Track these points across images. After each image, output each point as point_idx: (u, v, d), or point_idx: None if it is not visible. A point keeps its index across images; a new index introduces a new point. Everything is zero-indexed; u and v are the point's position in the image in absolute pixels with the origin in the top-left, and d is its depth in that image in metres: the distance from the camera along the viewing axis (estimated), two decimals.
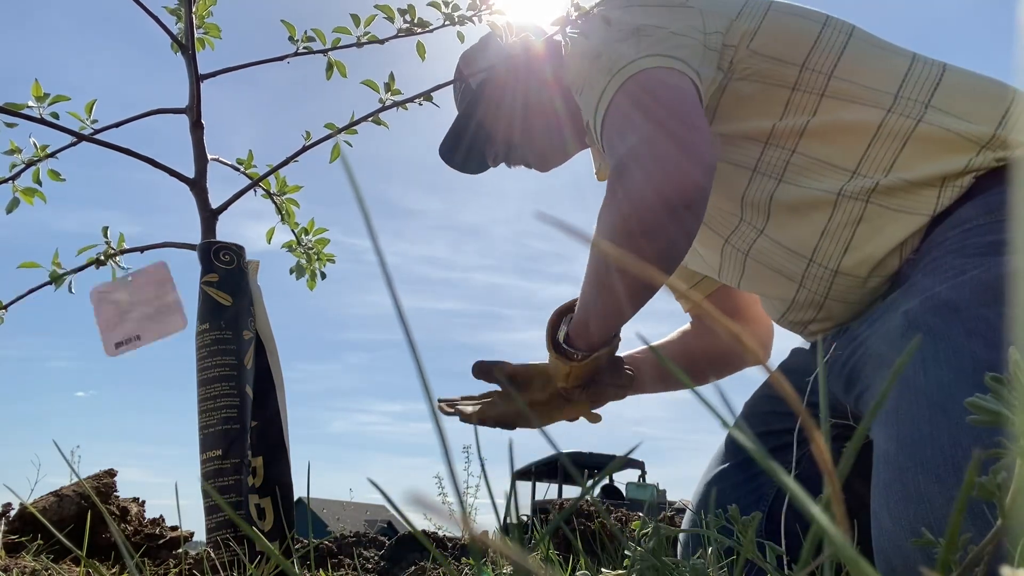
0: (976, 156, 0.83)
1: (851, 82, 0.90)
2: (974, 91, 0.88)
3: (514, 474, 0.30)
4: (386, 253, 0.22)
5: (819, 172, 0.89)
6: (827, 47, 0.92)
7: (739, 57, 0.92)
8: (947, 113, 0.86)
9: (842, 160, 0.88)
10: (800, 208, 0.89)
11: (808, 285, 0.91)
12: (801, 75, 0.91)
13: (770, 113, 0.92)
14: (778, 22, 0.94)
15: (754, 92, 0.92)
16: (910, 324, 0.73)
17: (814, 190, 0.88)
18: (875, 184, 0.85)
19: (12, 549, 0.97)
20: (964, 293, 0.71)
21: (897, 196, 0.85)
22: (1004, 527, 0.27)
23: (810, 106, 0.90)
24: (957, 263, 0.75)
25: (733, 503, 1.03)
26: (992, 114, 0.85)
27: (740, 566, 0.36)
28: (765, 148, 0.91)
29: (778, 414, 1.10)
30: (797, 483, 0.18)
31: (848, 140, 0.88)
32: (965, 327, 0.68)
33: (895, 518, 0.67)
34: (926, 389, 0.67)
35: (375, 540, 1.51)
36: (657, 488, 8.67)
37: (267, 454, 0.91)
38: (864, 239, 0.86)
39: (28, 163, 1.02)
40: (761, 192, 0.92)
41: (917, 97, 0.88)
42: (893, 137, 0.86)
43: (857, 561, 0.16)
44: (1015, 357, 0.26)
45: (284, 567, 0.24)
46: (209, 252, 0.92)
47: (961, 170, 0.83)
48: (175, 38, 1.02)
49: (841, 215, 0.87)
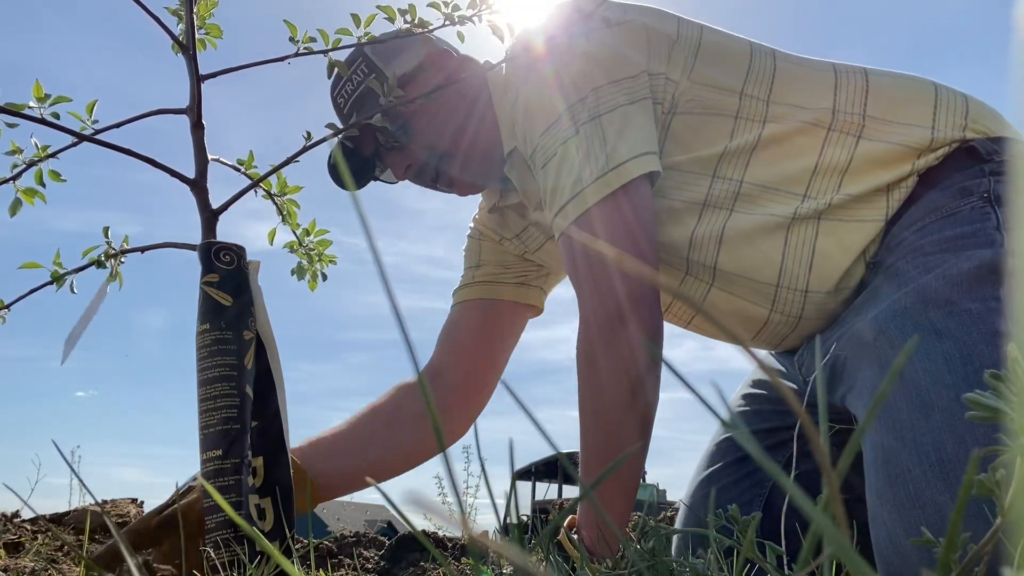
0: (918, 160, 0.86)
1: (788, 104, 0.92)
2: (902, 93, 0.91)
3: (514, 474, 0.30)
4: (386, 253, 0.22)
5: (769, 199, 0.90)
6: (759, 71, 0.94)
7: (680, 90, 0.93)
8: (884, 121, 0.89)
9: (791, 185, 0.90)
10: (753, 236, 0.91)
11: (780, 308, 0.92)
12: (741, 103, 0.93)
13: (716, 143, 0.93)
14: (713, 48, 0.95)
15: (699, 122, 0.94)
16: (883, 324, 0.76)
17: (767, 216, 0.90)
18: (827, 203, 0.87)
19: (12, 549, 0.97)
20: (932, 290, 0.73)
21: (849, 209, 0.88)
22: (1003, 526, 0.27)
23: (753, 132, 0.92)
24: (922, 260, 0.78)
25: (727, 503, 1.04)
26: (924, 114, 0.89)
27: (740, 565, 0.36)
28: (713, 180, 0.93)
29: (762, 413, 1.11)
30: (796, 483, 0.18)
31: (794, 164, 0.90)
32: (936, 324, 0.71)
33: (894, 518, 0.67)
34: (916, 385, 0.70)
35: (375, 540, 1.51)
36: (657, 488, 8.67)
37: (267, 454, 0.91)
38: (826, 254, 0.88)
39: (29, 163, 1.02)
40: (713, 225, 0.92)
41: (852, 109, 0.90)
42: (838, 154, 0.89)
43: (857, 561, 0.16)
44: (1014, 354, 0.26)
45: (284, 567, 0.24)
46: (209, 252, 0.92)
47: (906, 175, 0.86)
48: (176, 39, 1.02)
49: (796, 237, 0.89)
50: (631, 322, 0.86)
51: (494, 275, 1.24)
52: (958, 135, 0.87)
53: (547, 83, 0.93)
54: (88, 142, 0.98)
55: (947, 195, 0.82)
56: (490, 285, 1.24)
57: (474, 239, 1.29)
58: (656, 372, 0.88)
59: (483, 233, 1.27)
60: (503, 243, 1.25)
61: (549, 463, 10.18)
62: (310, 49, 1.06)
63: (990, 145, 0.85)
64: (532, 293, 1.25)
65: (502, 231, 1.24)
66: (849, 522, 0.69)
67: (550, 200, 0.93)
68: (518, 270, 1.25)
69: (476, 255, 1.28)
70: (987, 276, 0.72)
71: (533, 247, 1.21)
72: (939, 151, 0.86)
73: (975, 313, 0.70)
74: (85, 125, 1.00)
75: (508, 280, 1.24)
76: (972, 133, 0.87)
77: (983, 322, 0.69)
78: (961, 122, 0.87)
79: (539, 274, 1.27)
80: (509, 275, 1.24)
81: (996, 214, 0.78)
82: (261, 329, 0.94)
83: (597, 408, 0.88)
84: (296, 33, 1.05)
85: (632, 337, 0.86)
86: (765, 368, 0.18)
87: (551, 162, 0.92)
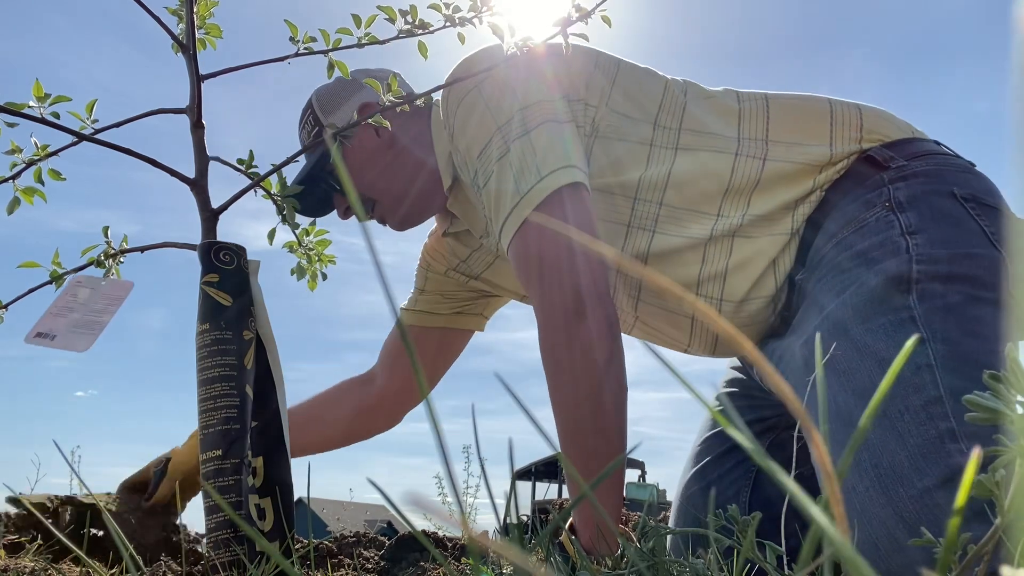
0: (819, 175, 0.94)
1: (698, 132, 0.99)
2: (799, 114, 0.99)
3: (514, 474, 0.30)
4: (385, 253, 0.22)
5: (687, 220, 0.98)
6: (671, 102, 1.02)
7: (600, 115, 1.00)
8: (785, 143, 0.96)
9: (705, 207, 0.97)
10: (674, 254, 0.98)
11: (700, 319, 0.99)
12: (655, 132, 1.00)
13: (634, 168, 0.99)
14: (628, 80, 1.03)
15: (618, 149, 1.00)
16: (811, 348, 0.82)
17: (685, 237, 0.97)
18: (739, 222, 0.95)
19: (12, 549, 0.97)
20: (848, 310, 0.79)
21: (758, 226, 0.95)
22: (1003, 526, 0.27)
23: (668, 159, 0.99)
24: (837, 282, 0.84)
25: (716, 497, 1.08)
26: (822, 132, 0.96)
27: (740, 565, 0.36)
28: (635, 203, 0.99)
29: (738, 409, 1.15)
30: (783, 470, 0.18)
31: (706, 188, 0.97)
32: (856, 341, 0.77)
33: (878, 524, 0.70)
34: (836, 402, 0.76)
35: (375, 540, 1.51)
36: (657, 488, 8.68)
37: (267, 454, 0.91)
38: (738, 267, 0.95)
39: (29, 162, 1.02)
40: (638, 246, 1.00)
41: (756, 135, 0.98)
42: (746, 178, 0.96)
43: (857, 561, 0.16)
44: (1012, 355, 0.27)
45: (284, 567, 0.24)
46: (209, 252, 0.92)
47: (808, 191, 0.94)
48: (176, 38, 1.02)
49: (714, 253, 0.96)
50: (587, 316, 0.89)
51: (431, 306, 1.37)
52: (854, 148, 0.93)
53: (478, 110, 1.00)
54: (88, 141, 0.98)
55: (854, 208, 0.88)
56: (424, 315, 1.37)
57: (421, 269, 1.40)
58: (619, 360, 0.92)
59: (430, 264, 1.37)
60: (447, 274, 1.34)
61: (549, 463, 10.19)
62: (310, 49, 1.06)
63: (886, 152, 0.92)
64: (469, 320, 1.38)
65: (449, 257, 1.33)
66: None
67: (494, 215, 0.98)
68: (456, 301, 1.36)
69: (422, 282, 1.39)
70: (895, 287, 0.77)
71: (479, 270, 1.30)
72: (838, 164, 0.93)
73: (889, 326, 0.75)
74: (85, 124, 1.00)
75: (444, 311, 1.36)
76: (868, 143, 0.94)
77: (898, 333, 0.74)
78: (856, 135, 0.94)
79: (477, 301, 1.37)
80: (445, 306, 1.36)
81: (899, 220, 0.83)
82: (261, 329, 0.94)
83: (567, 405, 0.92)
84: (296, 33, 1.05)
85: (591, 331, 0.89)
86: (763, 366, 0.18)
87: (491, 180, 0.97)
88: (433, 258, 1.36)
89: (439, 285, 1.36)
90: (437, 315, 1.36)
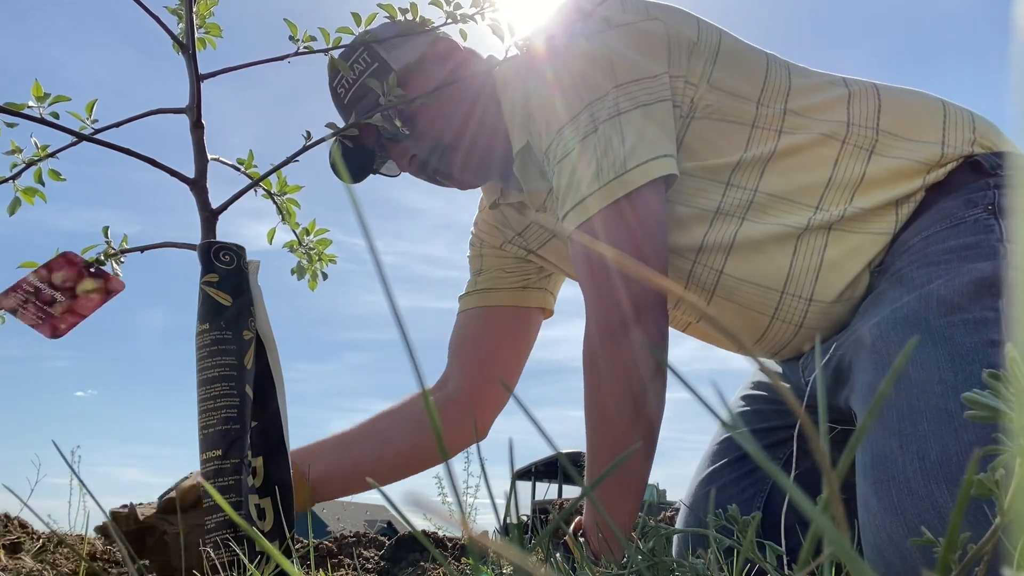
0: (928, 175, 0.88)
1: (804, 116, 0.93)
2: (913, 110, 0.93)
3: (514, 474, 0.30)
4: (386, 253, 0.22)
5: (782, 209, 0.91)
6: (776, 82, 0.95)
7: (699, 94, 0.93)
8: (896, 136, 0.90)
9: (804, 197, 0.90)
10: (764, 244, 0.91)
11: (783, 316, 0.93)
12: (758, 111, 0.93)
13: (732, 151, 0.93)
14: (731, 54, 0.95)
15: (715, 130, 0.94)
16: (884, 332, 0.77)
17: (779, 226, 0.90)
18: (840, 215, 0.88)
19: (12, 550, 0.97)
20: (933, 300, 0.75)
21: (859, 221, 0.89)
22: (1003, 526, 0.27)
23: (769, 142, 0.92)
24: (923, 274, 0.79)
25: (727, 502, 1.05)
26: (934, 131, 0.90)
27: (740, 565, 0.36)
28: (727, 188, 0.93)
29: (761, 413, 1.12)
30: (795, 482, 0.18)
31: (808, 176, 0.91)
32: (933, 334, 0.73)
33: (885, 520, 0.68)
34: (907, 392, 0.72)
35: (375, 540, 1.51)
36: (657, 488, 8.67)
37: (267, 454, 0.91)
38: (833, 265, 0.89)
39: (29, 163, 1.02)
40: (724, 234, 0.92)
41: (866, 123, 0.91)
42: (851, 168, 0.90)
43: (856, 561, 0.16)
44: (1012, 354, 0.26)
45: (284, 567, 0.24)
46: (209, 252, 0.92)
47: (916, 190, 0.88)
48: (175, 38, 1.02)
49: (806, 246, 0.89)
50: (634, 330, 0.85)
51: (492, 281, 1.23)
52: (966, 150, 0.88)
53: (567, 80, 0.92)
54: (88, 141, 0.97)
55: (953, 206, 0.84)
56: (487, 293, 1.23)
57: (475, 247, 1.29)
58: (661, 380, 0.88)
59: (483, 241, 1.27)
60: (503, 247, 1.24)
61: (549, 463, 10.18)
62: (310, 48, 1.06)
63: (994, 159, 0.87)
64: (534, 295, 1.24)
65: (503, 229, 1.23)
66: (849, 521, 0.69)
67: (563, 198, 0.92)
68: (518, 274, 1.24)
69: (478, 262, 1.27)
70: (987, 288, 0.74)
71: (535, 245, 1.20)
72: (947, 166, 0.88)
73: (973, 323, 0.72)
74: (84, 124, 0.99)
75: (506, 286, 1.23)
76: (979, 148, 0.89)
77: (980, 332, 0.71)
78: (970, 137, 0.89)
79: (540, 276, 1.25)
80: (508, 280, 1.23)
81: (999, 226, 0.80)
82: (261, 329, 0.94)
83: (601, 414, 0.88)
84: (296, 32, 1.05)
85: (634, 345, 0.85)
86: (765, 369, 0.18)
87: (568, 158, 0.90)
88: (486, 232, 1.26)
89: (497, 261, 1.24)
90: (501, 291, 1.22)
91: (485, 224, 1.27)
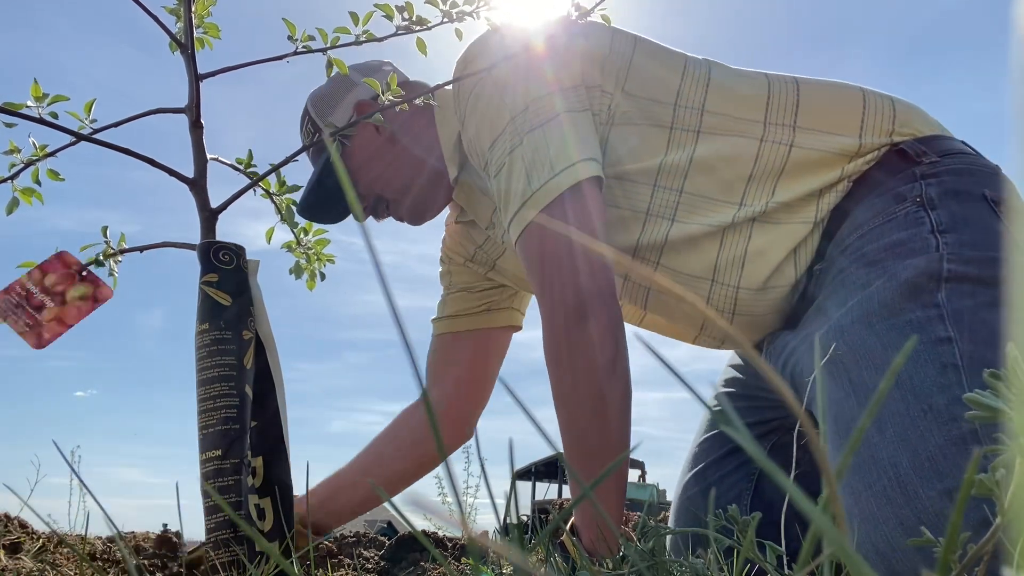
0: (848, 165, 0.90)
1: (722, 115, 0.95)
2: (831, 102, 0.95)
3: (514, 474, 0.30)
4: (384, 253, 0.22)
5: (708, 208, 0.94)
6: (693, 82, 0.97)
7: (616, 102, 0.97)
8: (813, 131, 0.93)
9: (727, 195, 0.94)
10: (693, 241, 0.95)
11: (715, 304, 0.96)
12: (676, 113, 0.96)
13: (653, 154, 0.96)
14: (646, 60, 0.99)
15: (636, 134, 0.97)
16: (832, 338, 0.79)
17: (706, 225, 0.94)
18: (762, 209, 0.92)
19: (12, 550, 0.97)
20: (875, 304, 0.77)
21: (781, 213, 0.92)
22: (1003, 526, 0.27)
23: (689, 143, 0.95)
24: (862, 275, 0.81)
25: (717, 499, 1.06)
26: (852, 123, 0.92)
27: (740, 566, 0.36)
28: (654, 191, 0.96)
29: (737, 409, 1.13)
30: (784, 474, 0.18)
31: (730, 174, 0.94)
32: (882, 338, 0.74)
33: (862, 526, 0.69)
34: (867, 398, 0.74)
35: (375, 540, 1.51)
36: (657, 488, 8.68)
37: (267, 454, 0.91)
38: (756, 254, 0.92)
39: (27, 163, 1.02)
40: (656, 234, 0.97)
41: (783, 121, 0.94)
42: (771, 165, 0.93)
43: (857, 561, 0.16)
44: (1013, 354, 0.26)
45: (284, 567, 0.24)
46: (208, 252, 0.92)
47: (836, 180, 0.90)
48: (174, 37, 1.02)
49: (732, 239, 0.93)
50: (590, 318, 0.88)
51: (460, 305, 1.32)
52: (885, 140, 0.91)
53: (492, 99, 0.97)
54: (86, 141, 0.97)
55: (884, 200, 0.86)
56: (456, 319, 1.32)
57: (444, 264, 1.36)
58: (623, 363, 0.91)
59: (450, 258, 1.34)
60: (467, 265, 1.31)
61: (549, 463, 10.19)
62: (308, 48, 1.06)
63: (918, 146, 0.89)
64: (499, 316, 1.32)
65: (465, 243, 1.30)
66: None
67: (503, 208, 0.96)
68: (482, 294, 1.31)
69: (447, 279, 1.35)
70: (924, 284, 0.75)
71: (495, 256, 1.26)
72: (868, 156, 0.91)
73: (916, 323, 0.73)
74: (83, 124, 0.99)
75: (473, 309, 1.31)
76: (899, 136, 0.91)
77: (926, 331, 0.72)
78: (888, 127, 0.92)
79: (504, 295, 1.32)
80: (474, 302, 1.31)
81: (930, 217, 0.81)
82: (261, 329, 0.94)
83: (569, 406, 0.91)
84: (295, 31, 1.05)
85: (593, 333, 0.88)
86: (759, 363, 0.18)
87: (502, 172, 0.95)
88: (451, 249, 1.33)
89: (461, 278, 1.32)
90: (467, 316, 1.31)
91: (451, 239, 1.34)
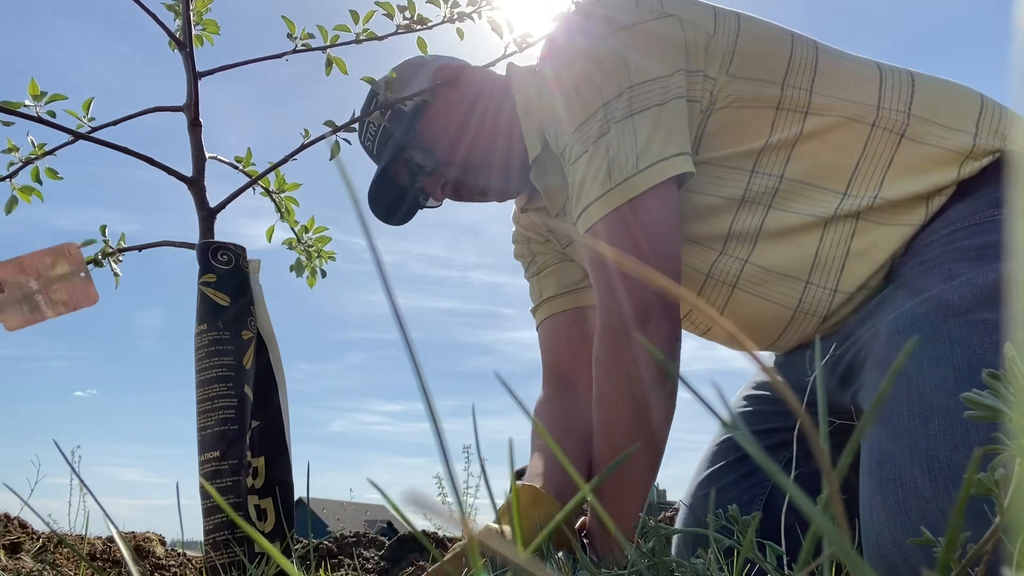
0: (961, 167, 0.85)
1: (832, 96, 0.89)
2: (947, 97, 0.90)
3: (514, 474, 0.30)
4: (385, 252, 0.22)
5: (809, 196, 0.88)
6: (801, 61, 0.91)
7: (719, 87, 0.91)
8: (929, 121, 0.87)
9: (831, 182, 0.88)
10: (790, 233, 0.89)
11: (806, 308, 0.90)
12: (783, 93, 0.90)
13: (756, 136, 0.90)
14: (752, 39, 0.92)
15: (739, 117, 0.91)
16: (900, 327, 0.75)
17: (805, 215, 0.88)
18: (870, 202, 0.86)
19: (12, 550, 0.97)
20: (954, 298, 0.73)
21: (888, 211, 0.86)
22: (1003, 526, 0.27)
23: (796, 124, 0.89)
24: (947, 267, 0.77)
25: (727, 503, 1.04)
26: (968, 119, 0.87)
27: (740, 565, 0.36)
28: (752, 176, 0.90)
29: (763, 414, 1.11)
30: (796, 483, 0.18)
31: (836, 159, 0.88)
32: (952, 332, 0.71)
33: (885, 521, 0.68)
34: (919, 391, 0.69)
35: (375, 540, 1.51)
36: (657, 488, 8.67)
37: (268, 454, 0.91)
38: (859, 254, 0.87)
39: (26, 161, 1.02)
40: (750, 222, 0.90)
41: (897, 107, 0.88)
42: (881, 152, 0.87)
43: (857, 561, 0.16)
44: (1011, 354, 0.26)
45: (284, 567, 0.24)
46: (207, 252, 0.91)
47: (948, 182, 0.85)
48: (173, 35, 1.01)
49: (833, 235, 0.87)
50: (637, 335, 0.84)
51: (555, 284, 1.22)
52: (999, 144, 0.85)
53: (581, 82, 0.91)
54: (85, 140, 0.97)
55: (981, 203, 0.82)
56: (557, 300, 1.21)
57: (521, 244, 1.27)
58: (668, 386, 0.86)
59: (529, 239, 1.25)
60: (548, 242, 1.23)
61: None
62: (308, 46, 1.06)
63: None
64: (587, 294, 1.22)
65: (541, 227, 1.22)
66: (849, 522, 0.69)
67: (576, 198, 0.91)
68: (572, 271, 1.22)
69: (531, 261, 1.26)
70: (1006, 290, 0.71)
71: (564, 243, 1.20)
72: (982, 159, 0.85)
73: (991, 324, 0.69)
74: (82, 123, 0.99)
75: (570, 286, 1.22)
76: (1013, 144, 0.86)
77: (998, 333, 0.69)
78: (1003, 132, 0.86)
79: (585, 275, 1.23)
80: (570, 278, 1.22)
81: None
82: (262, 328, 0.94)
83: (604, 418, 0.88)
84: (294, 29, 1.05)
85: (636, 351, 0.84)
86: (766, 369, 0.18)
87: (582, 158, 0.90)
88: (528, 230, 1.25)
89: (548, 258, 1.23)
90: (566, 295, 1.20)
91: (525, 223, 1.25)
